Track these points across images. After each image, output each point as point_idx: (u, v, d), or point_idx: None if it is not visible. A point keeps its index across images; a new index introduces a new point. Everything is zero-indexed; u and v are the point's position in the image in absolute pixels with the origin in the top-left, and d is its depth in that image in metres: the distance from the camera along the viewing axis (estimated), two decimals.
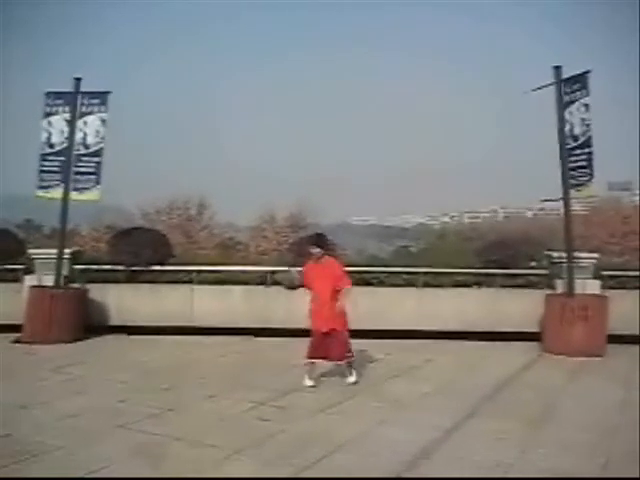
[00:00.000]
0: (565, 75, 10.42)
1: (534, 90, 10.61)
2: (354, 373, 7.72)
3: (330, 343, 7.55)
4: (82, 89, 11.20)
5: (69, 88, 11.18)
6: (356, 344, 7.90)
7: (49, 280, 11.10)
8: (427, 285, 11.95)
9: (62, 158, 11.09)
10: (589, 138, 10.07)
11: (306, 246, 7.94)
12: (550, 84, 10.48)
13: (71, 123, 11.08)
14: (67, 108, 11.13)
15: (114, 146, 10.77)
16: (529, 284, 11.84)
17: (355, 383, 7.60)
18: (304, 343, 7.73)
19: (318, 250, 7.66)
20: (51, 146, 11.18)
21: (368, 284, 12.05)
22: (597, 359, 9.49)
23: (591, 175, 10.08)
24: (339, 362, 7.67)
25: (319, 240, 7.76)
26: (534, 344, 10.31)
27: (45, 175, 11.22)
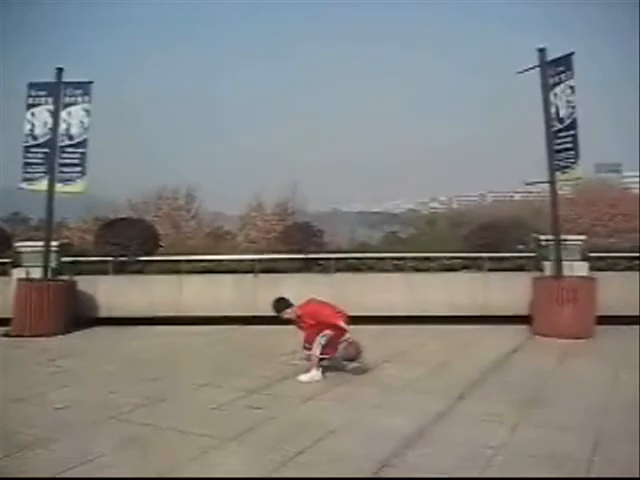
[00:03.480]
0: (550, 57, 10.42)
1: (520, 72, 10.60)
2: (312, 372, 7.32)
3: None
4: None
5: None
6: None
7: (37, 273, 11.05)
8: (416, 270, 11.98)
9: (46, 150, 11.01)
10: (574, 120, 10.08)
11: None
12: (535, 66, 10.48)
13: (54, 114, 10.99)
14: (50, 99, 11.03)
15: (106, 137, 10.78)
16: (517, 267, 11.88)
17: (306, 382, 7.16)
18: (293, 331, 7.75)
19: (287, 312, 7.63)
20: (35, 138, 11.07)
21: (357, 270, 12.10)
22: (586, 340, 9.55)
23: (577, 157, 10.10)
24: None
25: (277, 305, 7.70)
26: (523, 327, 10.37)
27: (29, 167, 11.12)
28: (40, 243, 11.21)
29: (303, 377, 7.24)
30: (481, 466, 4.54)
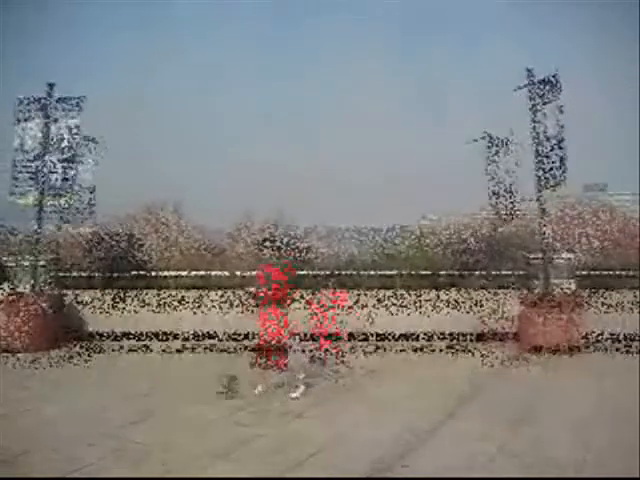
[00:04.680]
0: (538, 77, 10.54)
1: (515, 90, 10.70)
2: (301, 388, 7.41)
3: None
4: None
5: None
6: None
7: (26, 287, 10.98)
8: (405, 287, 11.97)
9: (36, 164, 10.99)
10: (562, 139, 10.19)
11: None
12: (524, 86, 10.59)
13: (45, 129, 10.99)
14: (40, 114, 11.04)
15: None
16: (506, 285, 11.89)
17: (296, 399, 7.19)
18: None
19: (266, 253, 7.60)
20: (24, 152, 11.06)
21: (345, 287, 12.07)
22: (574, 356, 9.59)
23: (564, 175, 10.20)
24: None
25: (264, 244, 7.67)
26: (512, 343, 10.38)
27: (18, 181, 11.09)
28: (29, 257, 11.16)
29: (293, 394, 7.23)
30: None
